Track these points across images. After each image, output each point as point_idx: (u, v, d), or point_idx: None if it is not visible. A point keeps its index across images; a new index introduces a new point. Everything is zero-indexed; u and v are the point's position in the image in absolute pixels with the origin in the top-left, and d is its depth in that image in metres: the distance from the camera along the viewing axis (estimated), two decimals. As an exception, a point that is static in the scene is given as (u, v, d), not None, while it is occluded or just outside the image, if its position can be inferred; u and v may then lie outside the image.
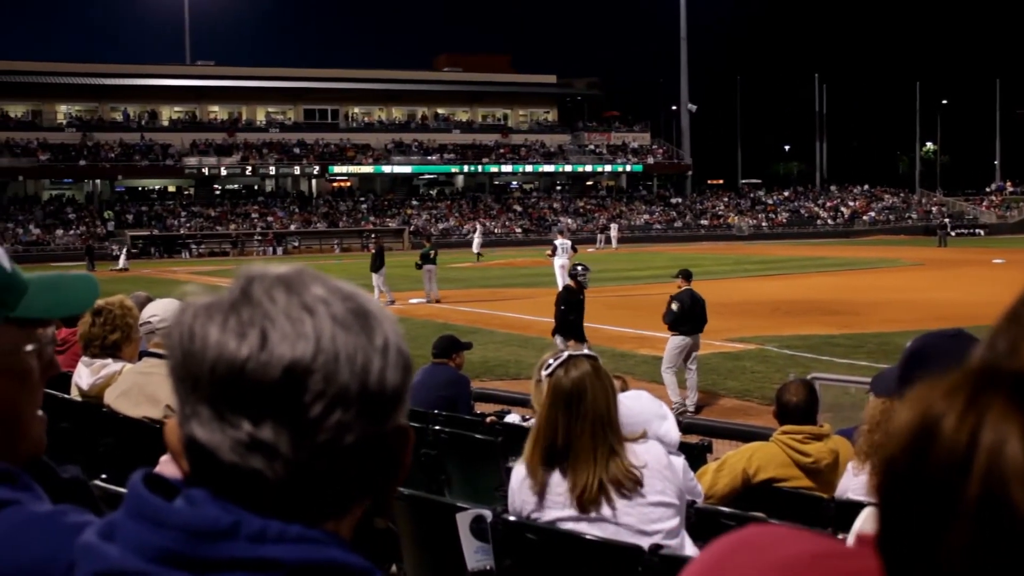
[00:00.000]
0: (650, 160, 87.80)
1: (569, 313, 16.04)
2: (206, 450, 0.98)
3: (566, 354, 3.54)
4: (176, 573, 0.94)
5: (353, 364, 0.98)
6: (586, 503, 3.40)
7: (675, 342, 14.17)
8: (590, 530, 3.36)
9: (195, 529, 0.95)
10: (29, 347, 1.41)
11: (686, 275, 14.80)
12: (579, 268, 16.84)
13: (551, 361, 3.54)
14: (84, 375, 5.67)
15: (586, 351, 3.62)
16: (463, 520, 3.51)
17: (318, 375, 0.97)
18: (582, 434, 3.40)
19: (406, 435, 1.06)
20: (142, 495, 0.99)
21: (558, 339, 15.71)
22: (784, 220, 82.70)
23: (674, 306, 14.26)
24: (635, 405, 3.97)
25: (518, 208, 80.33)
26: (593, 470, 3.38)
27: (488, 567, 3.47)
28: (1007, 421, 0.61)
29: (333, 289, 1.02)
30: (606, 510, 3.37)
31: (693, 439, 7.28)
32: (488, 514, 3.52)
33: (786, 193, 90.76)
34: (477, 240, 54.26)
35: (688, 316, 14.25)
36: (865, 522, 3.10)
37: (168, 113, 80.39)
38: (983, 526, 0.60)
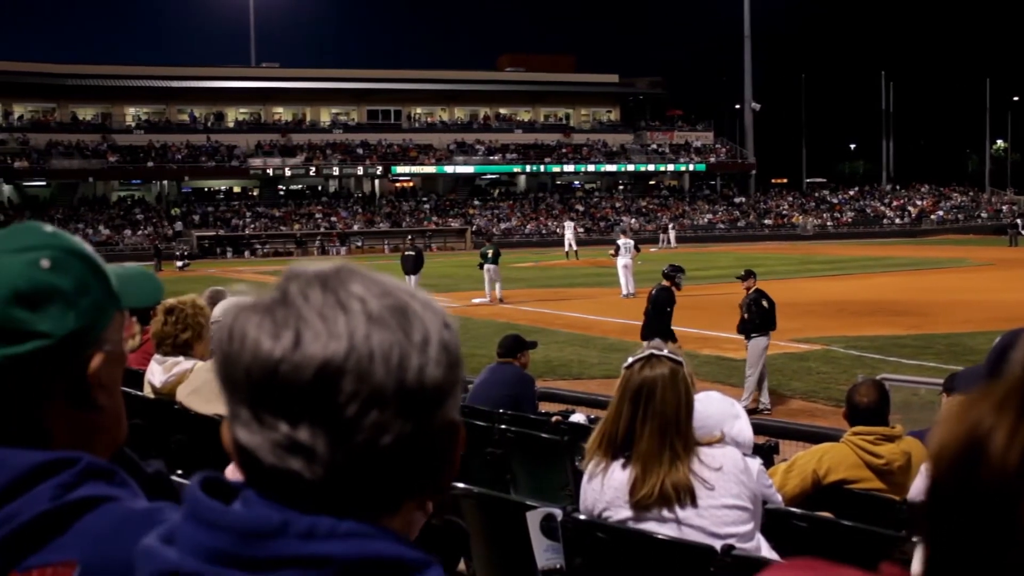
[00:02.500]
0: (713, 159, 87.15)
1: (668, 315, 15.65)
2: (248, 452, 0.99)
3: (648, 352, 3.52)
4: (231, 572, 0.95)
5: (389, 362, 0.97)
6: (645, 504, 3.39)
7: (763, 343, 14.13)
8: (661, 530, 3.35)
9: (246, 529, 0.96)
10: (125, 335, 1.46)
11: (752, 275, 14.74)
12: (670, 269, 16.41)
13: (632, 358, 3.54)
14: (157, 373, 5.77)
15: (667, 352, 3.60)
16: (533, 519, 3.51)
17: (351, 374, 0.96)
18: (646, 434, 3.39)
19: (456, 430, 1.05)
20: (198, 498, 1.01)
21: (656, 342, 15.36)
22: (849, 219, 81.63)
23: (747, 313, 14.26)
24: (708, 407, 3.95)
25: (580, 208, 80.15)
26: (657, 472, 3.37)
27: (558, 566, 3.46)
28: None
29: (372, 285, 1.02)
30: (678, 511, 3.36)
31: (760, 440, 7.23)
32: (558, 513, 3.51)
33: (851, 192, 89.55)
34: (569, 237, 53.51)
35: (771, 315, 14.26)
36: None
37: (233, 114, 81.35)
38: None
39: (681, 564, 3.28)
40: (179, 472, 3.47)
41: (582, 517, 3.56)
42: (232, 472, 1.07)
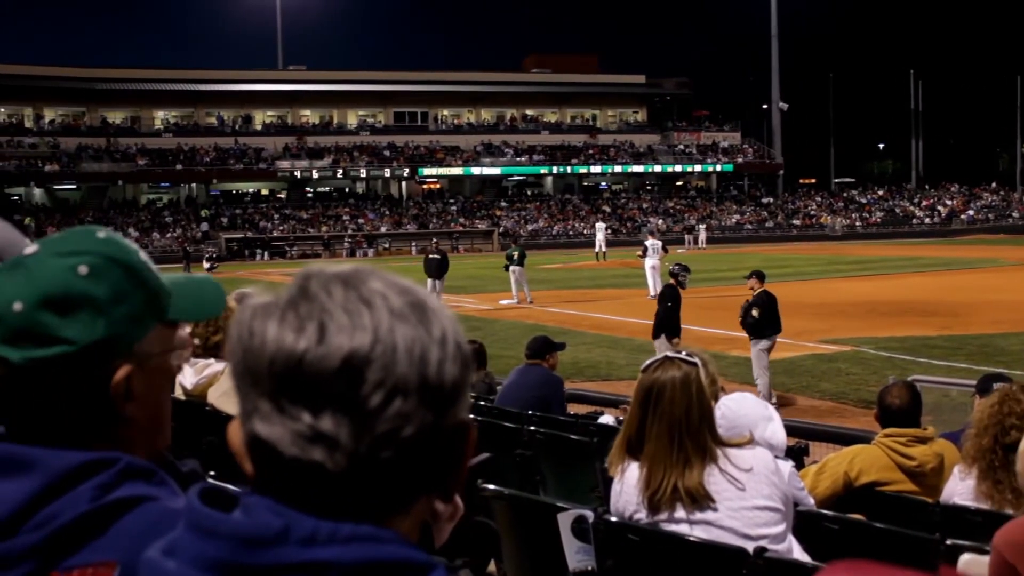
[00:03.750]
0: (740, 160, 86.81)
1: (676, 311, 15.80)
2: (268, 445, 0.98)
3: (665, 355, 3.53)
4: None
5: (411, 355, 0.99)
6: (658, 504, 3.40)
7: (765, 344, 14.29)
8: (693, 532, 3.34)
9: (245, 537, 0.96)
10: (173, 347, 1.45)
11: (760, 276, 14.83)
12: (677, 268, 16.57)
13: (649, 361, 3.54)
14: (188, 375, 5.81)
15: (686, 355, 3.60)
16: (564, 520, 3.50)
17: (377, 364, 0.97)
18: (655, 435, 3.40)
19: (467, 431, 1.05)
20: (196, 508, 1.01)
21: (659, 342, 15.53)
22: (878, 220, 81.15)
23: (755, 312, 14.35)
24: (739, 408, 3.94)
25: (607, 209, 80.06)
26: (665, 473, 3.38)
27: (590, 567, 3.46)
28: None
29: (390, 284, 1.03)
30: (710, 513, 3.35)
31: (789, 442, 7.19)
32: (590, 514, 3.51)
33: (880, 192, 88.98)
34: (600, 238, 52.98)
35: (773, 317, 14.33)
36: (968, 565, 3.03)
37: (261, 117, 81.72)
38: None
39: (713, 566, 3.27)
40: (211, 473, 3.49)
41: (613, 519, 3.56)
42: None
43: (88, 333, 1.31)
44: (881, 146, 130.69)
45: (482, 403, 8.65)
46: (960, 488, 4.61)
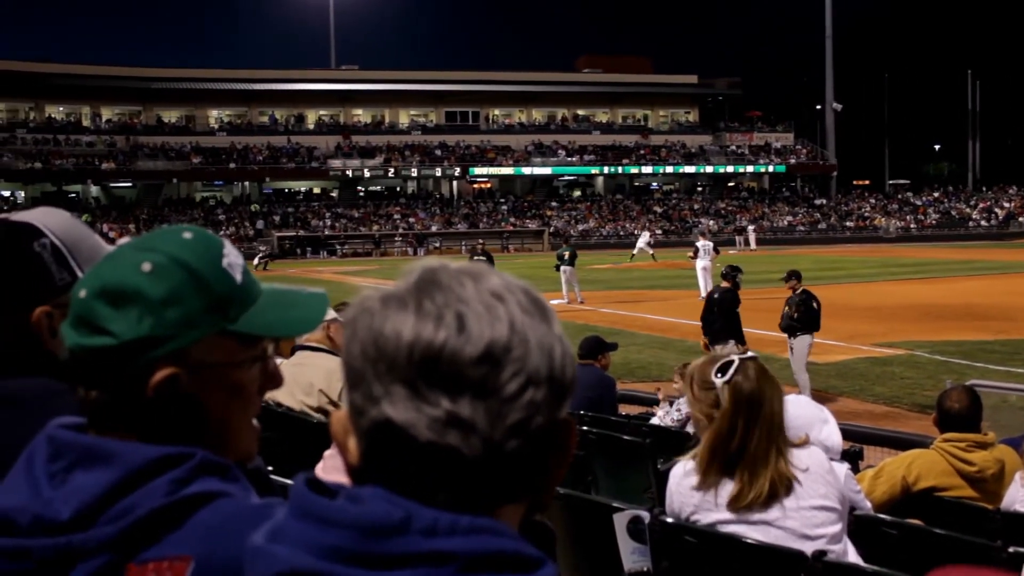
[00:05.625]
0: (793, 160, 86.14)
1: (734, 315, 15.55)
2: (401, 430, 1.00)
3: (736, 359, 3.49)
4: (350, 570, 0.96)
5: (542, 348, 1.02)
6: (753, 505, 3.35)
7: (807, 341, 14.46)
8: (751, 533, 3.32)
9: (367, 526, 0.97)
10: (246, 361, 1.42)
11: (798, 276, 15.00)
12: (729, 270, 16.36)
13: (722, 367, 3.48)
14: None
15: (750, 354, 3.57)
16: (620, 521, 3.49)
17: (514, 354, 1.00)
18: (758, 439, 3.36)
19: (572, 427, 1.08)
20: (309, 497, 1.02)
21: (727, 348, 15.41)
22: (934, 222, 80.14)
23: (795, 313, 14.58)
24: (797, 409, 3.91)
25: (658, 209, 79.80)
26: (766, 473, 3.33)
27: (645, 569, 3.44)
28: None
29: (508, 281, 1.06)
30: (769, 513, 3.33)
31: (843, 445, 7.13)
32: (646, 515, 3.49)
33: (936, 194, 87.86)
34: (641, 243, 51.79)
35: (814, 315, 14.53)
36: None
37: (313, 116, 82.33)
38: None
39: (770, 569, 3.25)
40: (269, 469, 3.51)
41: (669, 520, 3.54)
42: (321, 470, 1.09)
43: (132, 329, 1.32)
44: (937, 147, 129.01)
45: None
46: (1022, 495, 4.54)
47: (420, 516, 0.97)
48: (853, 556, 3.52)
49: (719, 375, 3.46)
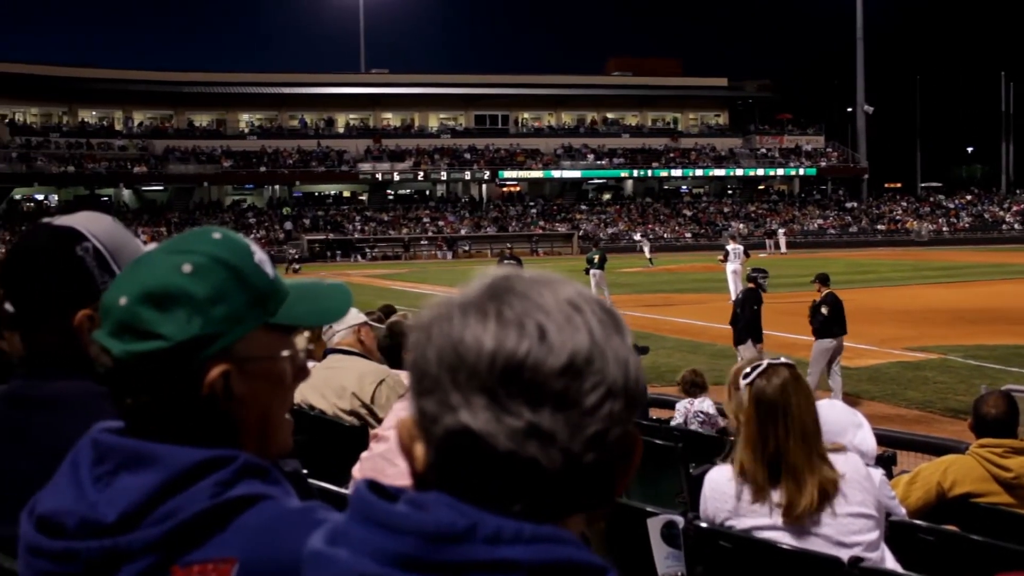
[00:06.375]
0: (824, 163, 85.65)
1: (760, 315, 15.79)
2: (479, 440, 0.98)
3: (765, 362, 3.47)
4: None
5: (618, 360, 1.02)
6: (806, 514, 3.31)
7: (824, 344, 14.42)
8: (786, 540, 3.30)
9: (432, 533, 0.97)
10: (285, 353, 1.44)
11: (824, 279, 15.06)
12: (755, 272, 16.50)
13: (749, 370, 3.47)
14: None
15: (783, 359, 3.55)
16: (654, 525, 3.48)
17: (595, 366, 1.00)
18: (794, 445, 3.33)
19: (638, 439, 1.07)
20: (371, 501, 1.02)
21: (744, 348, 15.48)
22: (966, 225, 79.47)
23: (824, 310, 14.54)
24: (830, 414, 3.88)
25: (688, 213, 79.57)
26: (811, 482, 3.30)
27: (679, 573, 3.44)
28: None
29: (584, 292, 1.06)
30: (805, 520, 3.30)
31: (877, 450, 7.07)
32: (680, 520, 3.48)
33: (969, 197, 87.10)
34: (647, 247, 52.78)
35: (836, 319, 14.48)
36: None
37: (343, 120, 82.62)
38: None
39: (806, 575, 3.23)
40: (305, 472, 3.52)
41: (704, 525, 3.53)
42: (358, 471, 1.09)
43: (183, 330, 1.33)
44: (970, 150, 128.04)
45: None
46: (1059, 501, 4.50)
47: (485, 524, 0.97)
48: (891, 563, 3.49)
49: (744, 377, 3.46)
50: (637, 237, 53.43)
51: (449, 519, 0.97)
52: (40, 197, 72.54)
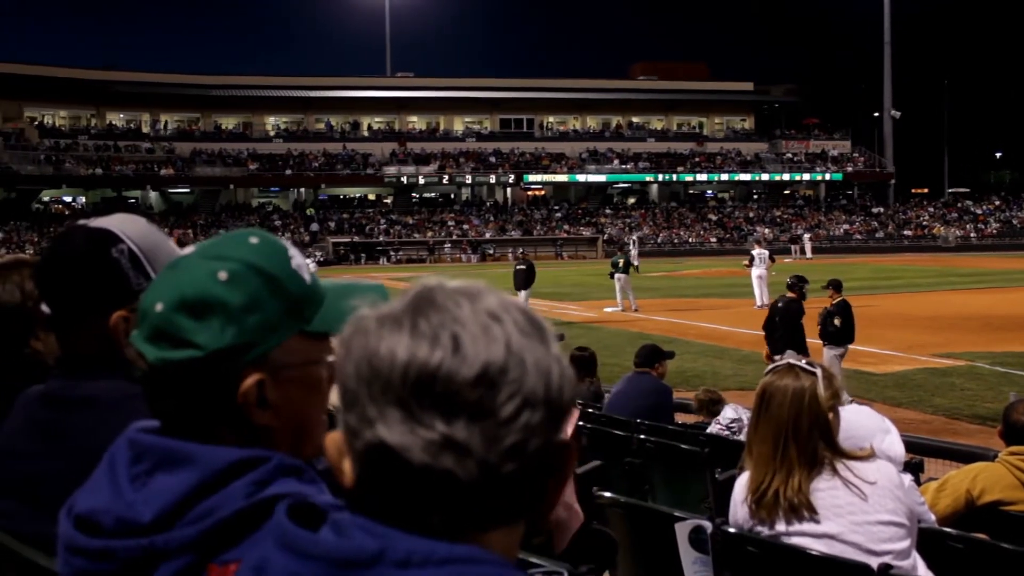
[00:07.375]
0: (850, 168, 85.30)
1: (797, 327, 15.21)
2: (394, 453, 0.98)
3: (788, 361, 3.47)
4: None
5: (538, 370, 1.00)
6: (759, 510, 3.33)
7: (834, 351, 14.55)
8: (815, 547, 3.28)
9: (340, 558, 0.97)
10: (321, 359, 1.43)
11: (837, 286, 15.03)
12: (795, 280, 16.04)
13: (772, 365, 3.50)
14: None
15: (806, 363, 3.54)
16: (682, 530, 3.48)
17: (510, 375, 0.99)
18: (760, 438, 3.35)
19: (570, 450, 1.06)
20: (285, 526, 1.03)
21: (790, 354, 15.27)
22: (995, 231, 78.92)
23: (836, 321, 14.59)
24: (857, 419, 3.86)
25: (713, 217, 79.37)
26: (768, 477, 3.31)
27: (707, 579, 3.43)
28: None
29: (505, 301, 1.05)
30: (832, 527, 3.28)
31: (905, 457, 7.03)
32: (708, 525, 3.47)
33: (997, 202, 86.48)
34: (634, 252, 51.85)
35: (847, 329, 14.58)
36: None
37: (369, 123, 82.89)
38: None
39: (835, 582, 3.21)
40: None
41: (731, 530, 3.51)
42: None
43: (217, 339, 1.33)
44: (998, 155, 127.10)
45: (590, 410, 8.64)
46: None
47: (394, 548, 0.96)
48: (923, 572, 3.46)
49: (765, 376, 3.47)
50: (628, 240, 53.06)
51: (359, 543, 0.97)
52: (68, 199, 73.13)
